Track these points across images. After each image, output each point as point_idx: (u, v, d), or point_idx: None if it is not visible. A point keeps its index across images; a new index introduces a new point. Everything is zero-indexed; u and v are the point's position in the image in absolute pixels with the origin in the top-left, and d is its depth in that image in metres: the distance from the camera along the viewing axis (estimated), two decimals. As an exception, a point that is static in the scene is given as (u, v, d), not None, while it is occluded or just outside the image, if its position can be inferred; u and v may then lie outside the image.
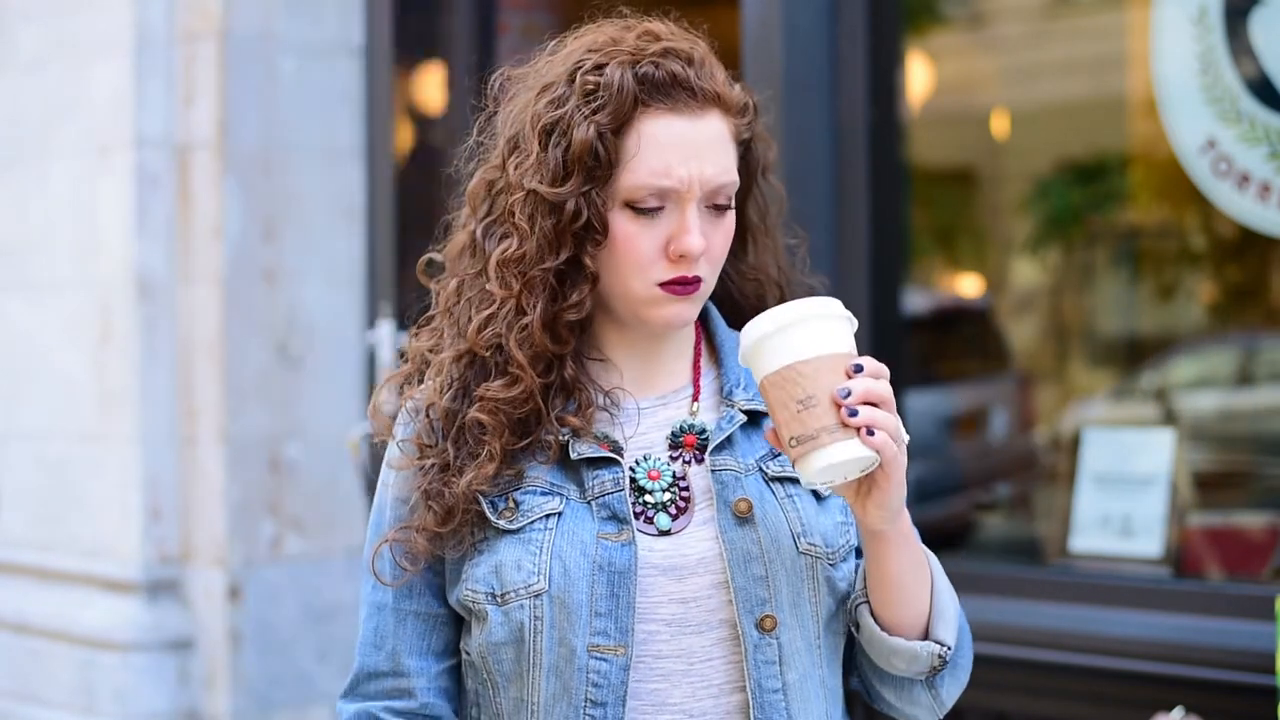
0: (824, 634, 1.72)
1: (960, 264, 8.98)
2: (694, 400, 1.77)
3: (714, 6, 2.61)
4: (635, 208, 1.67)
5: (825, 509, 1.73)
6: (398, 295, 4.30)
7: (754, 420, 1.74)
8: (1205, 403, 6.65)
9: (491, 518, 1.69)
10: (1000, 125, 8.58)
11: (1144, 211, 7.39)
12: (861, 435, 1.53)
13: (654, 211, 1.67)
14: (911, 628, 1.69)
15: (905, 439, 1.58)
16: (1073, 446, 3.80)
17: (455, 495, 1.68)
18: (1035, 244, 7.77)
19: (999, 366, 7.28)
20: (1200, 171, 2.97)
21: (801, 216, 2.64)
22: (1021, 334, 8.32)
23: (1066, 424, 6.47)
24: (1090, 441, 3.65)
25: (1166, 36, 3.05)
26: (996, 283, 8.53)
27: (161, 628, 4.31)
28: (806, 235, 2.08)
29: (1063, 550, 3.54)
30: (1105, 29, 7.05)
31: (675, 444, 1.74)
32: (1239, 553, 3.83)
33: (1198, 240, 6.89)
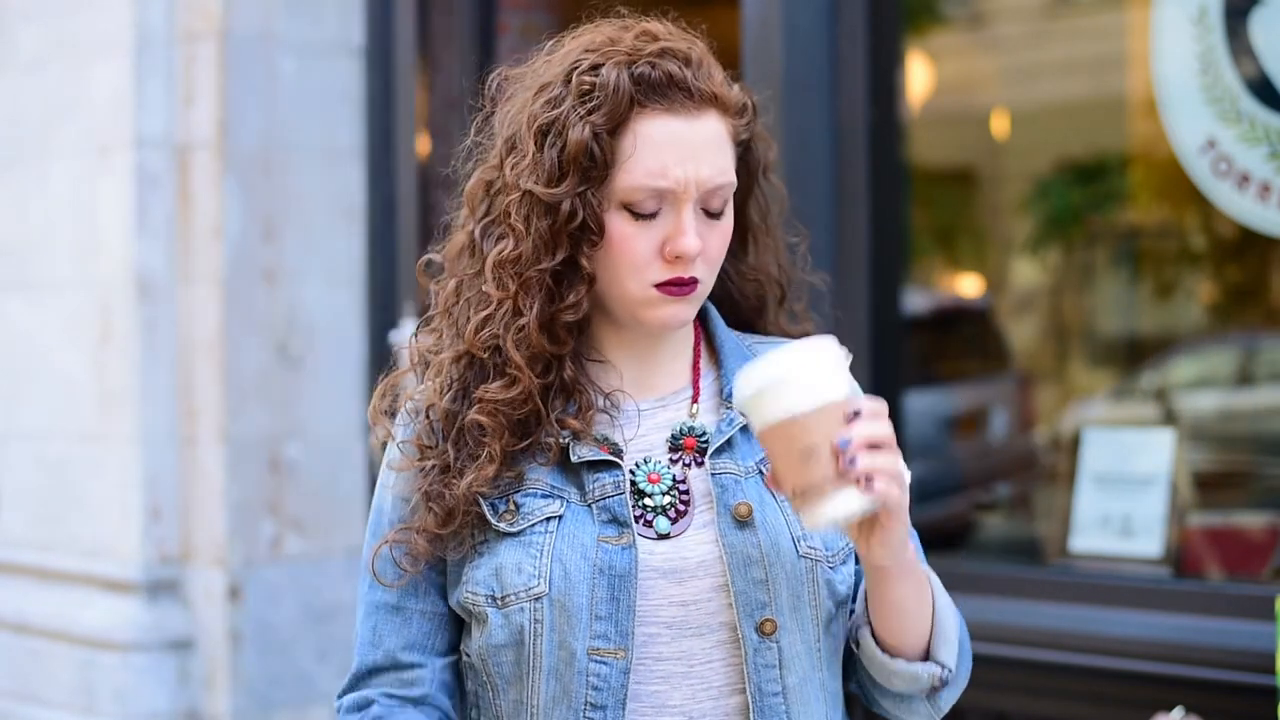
0: (824, 637, 1.72)
1: (960, 264, 8.99)
2: (693, 402, 1.76)
3: (713, 6, 2.61)
4: (632, 210, 1.67)
5: (824, 511, 1.73)
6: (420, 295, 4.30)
7: (754, 421, 1.74)
8: (1205, 403, 6.64)
9: (492, 520, 1.69)
10: (1000, 125, 8.58)
11: (1144, 211, 7.39)
12: (861, 484, 1.53)
13: (651, 214, 1.67)
14: (913, 649, 1.69)
15: (907, 478, 1.57)
16: (1073, 446, 3.80)
17: (455, 497, 1.68)
18: (1035, 244, 7.78)
19: (999, 366, 7.28)
20: (1200, 171, 2.97)
21: (801, 216, 2.63)
22: (1021, 334, 8.33)
23: (1066, 424, 6.47)
24: (1090, 441, 3.64)
25: (1166, 36, 3.05)
26: (996, 283, 8.53)
27: (161, 628, 4.31)
28: (808, 233, 2.08)
29: (1063, 550, 3.54)
30: (1105, 29, 7.06)
31: (675, 446, 1.73)
32: (1239, 553, 3.83)
33: (1198, 240, 6.89)
